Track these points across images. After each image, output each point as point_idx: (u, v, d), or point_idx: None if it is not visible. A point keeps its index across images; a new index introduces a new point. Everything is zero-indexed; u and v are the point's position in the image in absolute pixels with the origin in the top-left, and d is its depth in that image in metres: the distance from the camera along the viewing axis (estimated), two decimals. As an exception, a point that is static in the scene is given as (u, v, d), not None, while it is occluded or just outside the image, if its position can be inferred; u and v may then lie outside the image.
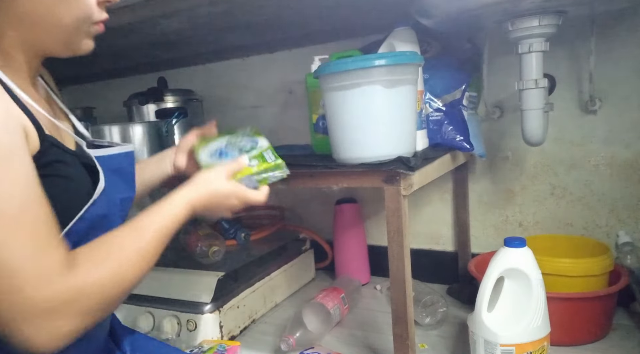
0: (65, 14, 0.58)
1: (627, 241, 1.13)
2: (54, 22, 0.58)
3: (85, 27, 0.61)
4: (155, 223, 0.62)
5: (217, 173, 0.74)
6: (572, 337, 1.00)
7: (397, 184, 0.82)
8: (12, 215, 0.47)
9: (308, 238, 1.51)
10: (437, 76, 1.08)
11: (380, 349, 1.06)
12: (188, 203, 0.67)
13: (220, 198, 0.72)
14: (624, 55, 1.11)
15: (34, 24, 0.58)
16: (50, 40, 0.60)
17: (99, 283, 0.52)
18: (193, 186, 0.70)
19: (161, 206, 0.64)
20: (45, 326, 0.47)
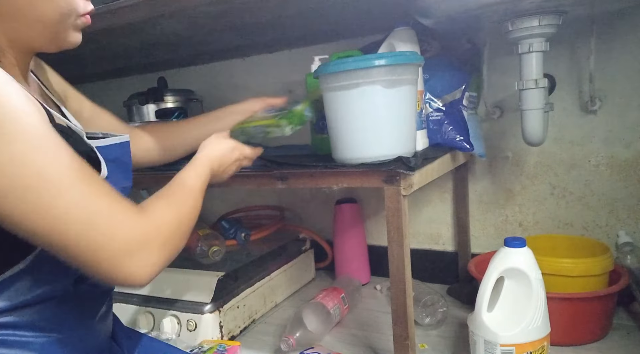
0: (47, 8, 0.57)
1: (627, 241, 1.13)
2: (37, 17, 0.57)
3: (71, 20, 0.61)
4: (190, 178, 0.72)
5: (217, 136, 0.85)
6: (572, 337, 1.00)
7: (397, 184, 0.82)
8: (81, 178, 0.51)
9: (308, 238, 1.51)
10: (437, 76, 1.08)
11: (380, 349, 1.07)
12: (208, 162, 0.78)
13: (227, 152, 0.82)
14: (624, 55, 1.11)
15: (16, 19, 0.57)
16: (35, 35, 0.59)
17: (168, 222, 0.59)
18: (205, 150, 0.81)
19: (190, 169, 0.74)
20: (140, 259, 0.53)
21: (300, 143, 1.24)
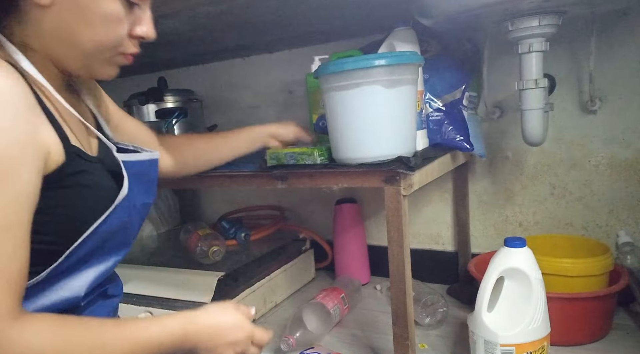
0: (88, 38, 0.57)
1: (627, 241, 1.13)
2: (76, 44, 0.57)
3: (108, 54, 0.60)
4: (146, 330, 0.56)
5: (225, 306, 0.68)
6: (572, 337, 1.00)
7: (397, 184, 0.82)
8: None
9: (308, 238, 1.51)
10: (437, 76, 1.08)
11: (380, 349, 1.06)
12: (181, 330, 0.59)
13: (223, 330, 0.64)
14: (624, 55, 1.11)
15: (57, 42, 0.57)
16: (71, 60, 0.59)
17: None
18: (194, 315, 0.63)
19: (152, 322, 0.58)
20: None
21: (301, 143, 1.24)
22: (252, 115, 1.63)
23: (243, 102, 1.65)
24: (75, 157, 0.58)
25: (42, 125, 0.54)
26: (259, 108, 1.63)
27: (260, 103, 1.62)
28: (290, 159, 0.94)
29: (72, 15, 0.55)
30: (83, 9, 0.55)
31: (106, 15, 0.56)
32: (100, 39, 0.58)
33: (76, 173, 0.57)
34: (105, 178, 0.63)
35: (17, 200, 0.50)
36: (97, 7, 0.56)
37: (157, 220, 1.64)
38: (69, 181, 0.56)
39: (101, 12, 0.56)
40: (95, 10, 0.56)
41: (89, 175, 0.59)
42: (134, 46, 0.62)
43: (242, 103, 1.65)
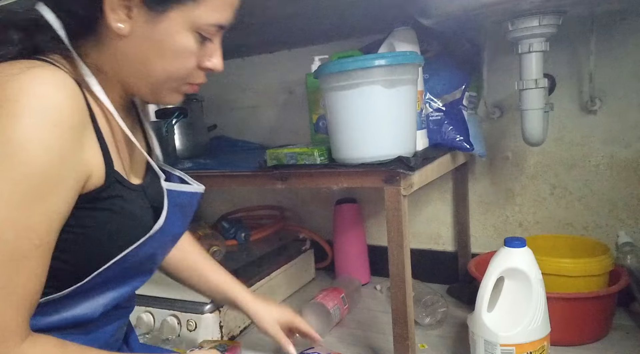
0: (158, 67, 0.58)
1: (627, 241, 1.13)
2: (148, 72, 0.59)
3: (177, 84, 0.62)
4: None
5: None
6: (572, 337, 1.00)
7: (397, 184, 0.82)
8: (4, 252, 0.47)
9: (308, 238, 1.51)
10: (437, 76, 1.08)
11: (380, 349, 1.06)
12: None
13: None
14: (624, 55, 1.11)
15: (129, 68, 0.58)
16: (140, 86, 0.60)
17: None
18: None
19: None
20: None
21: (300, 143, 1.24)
22: (252, 115, 1.63)
23: (243, 102, 1.65)
24: (114, 182, 0.58)
25: (89, 145, 0.54)
26: (259, 108, 1.63)
27: (260, 103, 1.62)
28: (290, 159, 0.94)
29: (148, 46, 0.57)
30: (159, 41, 0.56)
31: (180, 49, 0.58)
32: (172, 70, 0.59)
33: (112, 198, 0.57)
34: (142, 208, 0.63)
35: (51, 219, 0.50)
36: (172, 41, 0.57)
37: (157, 220, 1.64)
38: (103, 204, 0.56)
39: (176, 46, 0.57)
40: (170, 44, 0.57)
41: (124, 202, 0.59)
42: (201, 77, 0.64)
43: (242, 103, 1.65)
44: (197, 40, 0.59)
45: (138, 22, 0.55)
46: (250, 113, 1.64)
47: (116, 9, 0.54)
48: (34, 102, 0.47)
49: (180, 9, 0.55)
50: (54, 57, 0.56)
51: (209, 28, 0.59)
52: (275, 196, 1.66)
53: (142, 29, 0.56)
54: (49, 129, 0.48)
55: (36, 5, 0.57)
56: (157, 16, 0.55)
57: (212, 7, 0.57)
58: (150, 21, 0.55)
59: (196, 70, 0.62)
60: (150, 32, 0.56)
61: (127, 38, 0.56)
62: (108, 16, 0.54)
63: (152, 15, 0.55)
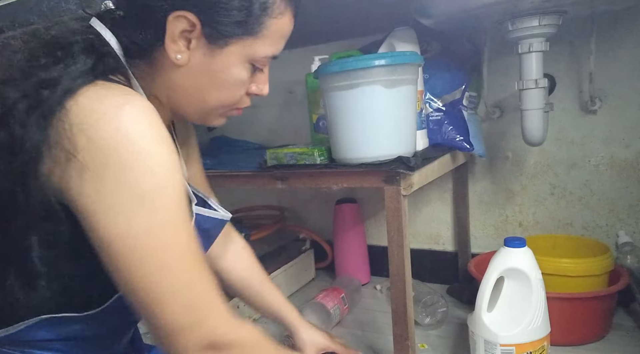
0: (212, 96, 0.59)
1: (627, 241, 1.13)
2: (200, 99, 0.59)
3: (226, 110, 0.63)
4: None
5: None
6: (572, 337, 1.00)
7: (397, 184, 0.83)
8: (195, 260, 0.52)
9: (308, 238, 1.51)
10: (437, 76, 1.08)
11: (380, 349, 1.06)
12: None
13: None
14: (624, 55, 1.11)
15: (182, 95, 0.59)
16: (190, 111, 0.61)
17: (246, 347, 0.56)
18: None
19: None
20: None
21: (300, 143, 1.24)
22: (252, 115, 1.63)
23: (243, 102, 1.65)
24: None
25: None
26: (259, 108, 1.63)
27: (260, 103, 1.62)
28: (290, 159, 0.94)
29: (204, 77, 0.57)
30: (214, 73, 0.57)
31: (234, 80, 0.59)
32: (223, 99, 0.60)
33: None
34: None
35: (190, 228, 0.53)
36: (228, 73, 0.58)
37: (157, 220, 1.64)
38: None
39: (230, 78, 0.58)
40: (225, 76, 0.58)
41: None
42: (248, 101, 0.65)
43: (242, 103, 1.65)
44: (250, 71, 0.60)
45: (196, 54, 0.56)
46: (250, 113, 1.64)
47: (177, 40, 0.54)
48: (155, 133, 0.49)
49: (239, 43, 0.56)
50: (120, 78, 0.56)
51: (264, 60, 0.61)
52: (275, 196, 1.66)
53: (200, 61, 0.56)
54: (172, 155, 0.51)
55: (91, 21, 0.57)
56: (216, 49, 0.56)
57: (269, 41, 0.59)
58: (209, 53, 0.56)
59: (245, 96, 0.63)
60: (208, 64, 0.56)
61: (185, 68, 0.56)
62: (168, 46, 0.54)
63: (211, 48, 0.56)
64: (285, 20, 0.60)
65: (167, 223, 0.49)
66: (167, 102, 0.60)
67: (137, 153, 0.47)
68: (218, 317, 0.52)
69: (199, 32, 0.54)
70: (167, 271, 0.49)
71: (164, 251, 0.49)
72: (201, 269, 0.52)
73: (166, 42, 0.54)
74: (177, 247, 0.50)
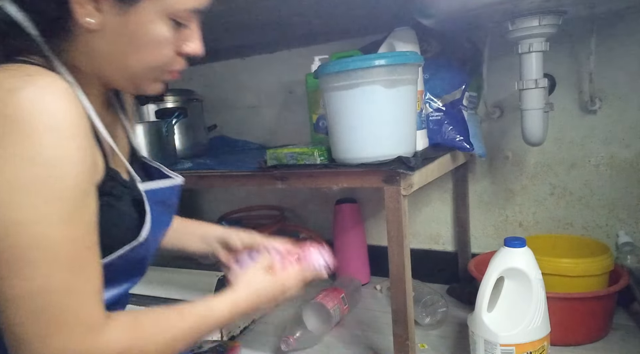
0: (134, 59, 0.57)
1: (627, 241, 1.13)
2: (123, 64, 0.57)
3: (156, 73, 0.60)
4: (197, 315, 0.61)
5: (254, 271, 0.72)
6: (572, 337, 1.00)
7: (397, 184, 0.82)
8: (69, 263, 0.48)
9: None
10: (437, 76, 1.08)
11: (380, 349, 1.06)
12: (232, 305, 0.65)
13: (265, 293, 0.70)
14: (624, 55, 1.11)
15: (106, 63, 0.57)
16: (119, 79, 0.59)
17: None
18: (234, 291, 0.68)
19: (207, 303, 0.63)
20: None
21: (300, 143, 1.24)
22: (252, 115, 1.63)
23: (243, 102, 1.65)
24: (110, 178, 0.57)
25: (94, 148, 0.54)
26: (259, 108, 1.63)
27: (260, 103, 1.62)
28: (290, 159, 0.94)
29: (121, 39, 0.55)
30: (131, 33, 0.55)
31: (155, 39, 0.56)
32: (149, 60, 0.57)
33: (107, 193, 0.56)
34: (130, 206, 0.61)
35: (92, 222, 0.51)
36: (146, 31, 0.55)
37: (157, 220, 1.64)
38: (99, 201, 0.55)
39: (150, 37, 0.56)
40: (144, 35, 0.55)
41: (116, 200, 0.58)
42: (181, 63, 0.62)
43: (242, 103, 1.65)
44: (172, 28, 0.57)
45: (108, 15, 0.53)
46: (250, 113, 1.64)
47: (84, 4, 0.52)
48: (47, 119, 0.47)
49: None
50: (34, 58, 0.54)
51: (184, 14, 0.57)
52: (275, 196, 1.66)
53: (113, 22, 0.53)
54: (68, 143, 0.48)
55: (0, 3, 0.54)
56: (128, 7, 0.53)
57: None
58: (121, 13, 0.53)
59: (175, 57, 0.60)
60: (122, 25, 0.54)
61: (99, 33, 0.54)
62: (76, 11, 0.52)
63: (122, 7, 0.53)
64: None
65: (42, 218, 0.46)
66: (93, 74, 0.58)
67: (22, 141, 0.45)
68: (74, 330, 0.47)
69: None
70: (24, 273, 0.45)
71: (28, 251, 0.45)
72: (74, 273, 0.48)
73: (73, 8, 0.51)
74: (46, 247, 0.46)
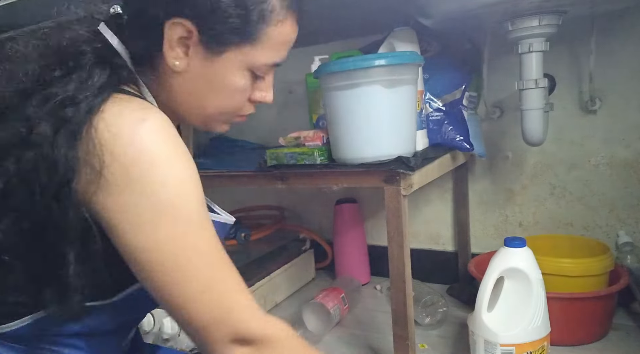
0: (211, 103, 0.60)
1: (627, 241, 1.13)
2: (199, 105, 0.60)
3: (228, 116, 0.64)
4: None
5: None
6: (572, 337, 1.00)
7: (397, 184, 0.83)
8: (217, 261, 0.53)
9: (308, 238, 1.51)
10: (437, 76, 1.08)
11: (380, 349, 1.06)
12: None
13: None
14: (624, 55, 1.11)
15: (183, 101, 0.60)
16: (193, 116, 0.62)
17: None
18: None
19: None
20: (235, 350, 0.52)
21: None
22: (252, 115, 1.63)
23: (243, 102, 1.65)
24: None
25: None
26: (259, 108, 1.61)
27: (260, 103, 1.62)
28: (290, 159, 0.94)
29: (203, 83, 0.58)
30: (212, 79, 0.58)
31: (234, 87, 0.59)
32: (224, 105, 0.61)
33: None
34: None
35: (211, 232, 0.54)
36: (227, 80, 0.58)
37: (157, 220, 1.64)
38: None
39: (230, 85, 0.59)
40: (224, 83, 0.58)
41: None
42: (251, 108, 0.67)
43: (242, 103, 1.65)
44: (251, 78, 0.60)
45: (194, 60, 0.56)
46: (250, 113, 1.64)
47: (174, 47, 0.55)
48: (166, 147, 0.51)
49: (237, 50, 0.56)
50: (133, 87, 0.57)
51: (264, 68, 0.60)
52: (275, 196, 1.66)
53: (198, 67, 0.57)
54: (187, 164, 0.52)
55: (100, 26, 0.57)
56: (213, 56, 0.56)
57: (268, 48, 0.58)
58: (207, 59, 0.56)
59: (247, 103, 0.64)
60: (206, 71, 0.57)
61: (183, 74, 0.57)
62: (166, 52, 0.55)
63: (208, 54, 0.56)
64: (287, 27, 0.59)
65: (189, 231, 0.51)
66: (170, 108, 0.60)
67: (155, 166, 0.49)
68: (241, 312, 0.53)
69: (196, 39, 0.55)
70: (190, 276, 0.51)
71: (187, 258, 0.51)
72: (224, 268, 0.53)
73: (164, 49, 0.55)
74: (199, 253, 0.51)
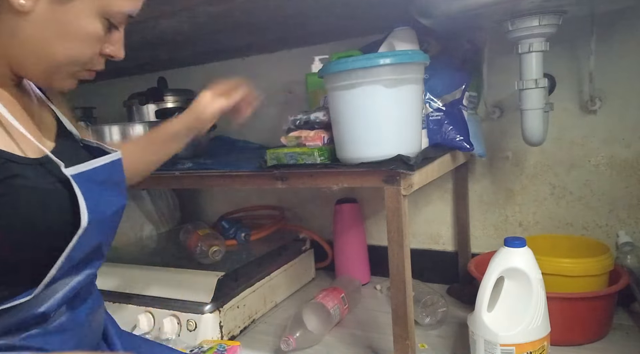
0: (60, 50, 0.55)
1: (627, 241, 1.13)
2: (46, 53, 0.55)
3: (75, 69, 0.59)
4: None
5: None
6: (572, 337, 1.00)
7: (397, 184, 0.82)
8: None
9: (308, 238, 1.51)
10: (437, 76, 1.07)
11: (380, 349, 1.06)
12: None
13: None
14: (624, 55, 1.11)
15: (26, 50, 0.55)
16: (33, 68, 0.57)
17: None
18: None
19: None
20: None
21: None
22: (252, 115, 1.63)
23: (243, 102, 1.65)
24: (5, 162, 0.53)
25: None
26: (259, 108, 1.62)
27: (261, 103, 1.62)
28: (290, 159, 0.94)
29: (51, 27, 0.53)
30: (63, 23, 0.53)
31: (87, 34, 0.55)
32: (74, 54, 0.56)
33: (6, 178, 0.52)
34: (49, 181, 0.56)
35: None
36: (79, 25, 0.54)
37: (157, 220, 1.64)
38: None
39: (82, 31, 0.55)
40: (76, 27, 0.54)
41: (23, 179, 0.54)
42: (101, 63, 0.61)
43: (242, 103, 1.65)
44: (104, 27, 0.56)
45: (42, 1, 0.52)
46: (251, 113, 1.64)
47: None
48: None
49: None
50: None
51: (119, 16, 0.57)
52: (275, 196, 1.66)
53: (47, 9, 0.52)
54: None
55: None
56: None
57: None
58: (57, 1, 0.52)
59: (97, 56, 0.59)
60: (56, 14, 0.52)
61: (28, 16, 0.52)
62: None
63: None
64: None
65: None
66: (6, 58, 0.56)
67: None
68: None
69: None
70: None
71: None
72: None
73: None
74: None
